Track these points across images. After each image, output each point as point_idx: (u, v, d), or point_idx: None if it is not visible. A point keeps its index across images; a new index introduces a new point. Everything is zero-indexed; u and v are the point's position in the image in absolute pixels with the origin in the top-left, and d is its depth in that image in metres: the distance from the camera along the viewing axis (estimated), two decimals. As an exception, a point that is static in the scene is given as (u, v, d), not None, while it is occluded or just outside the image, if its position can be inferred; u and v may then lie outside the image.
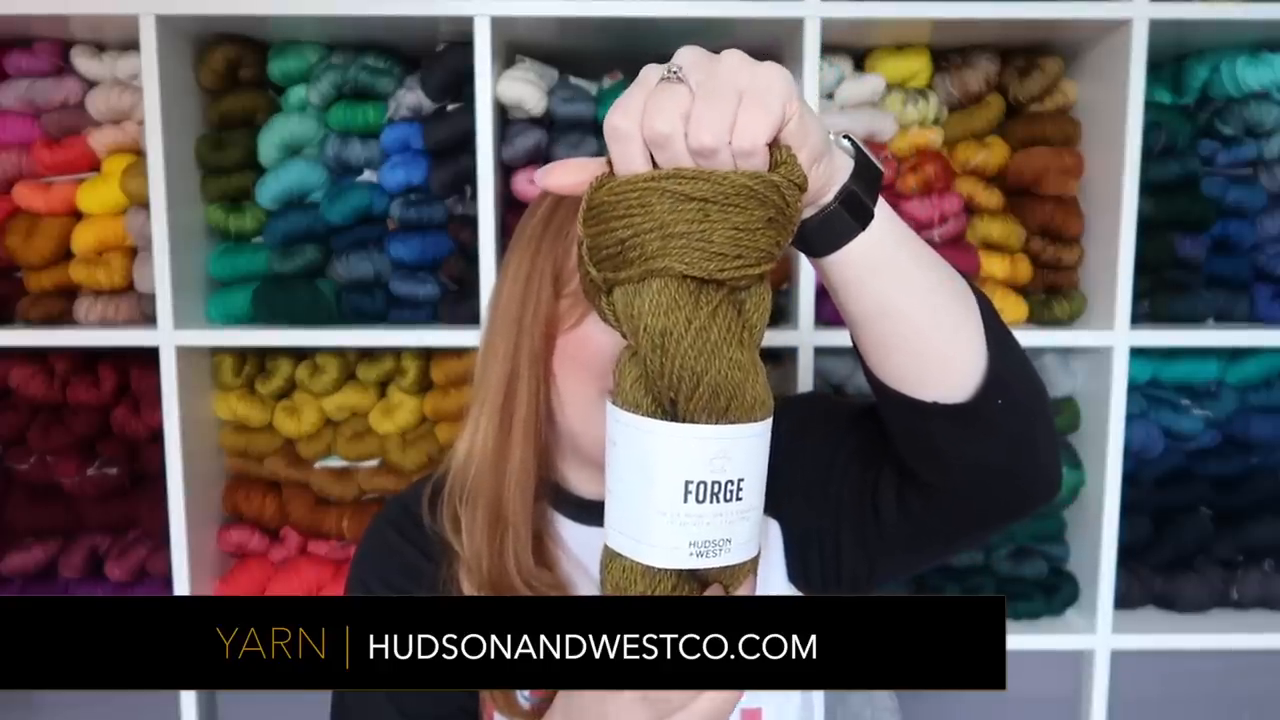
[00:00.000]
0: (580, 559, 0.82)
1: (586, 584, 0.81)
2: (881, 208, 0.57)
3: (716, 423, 0.51)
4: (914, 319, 0.59)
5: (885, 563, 0.77)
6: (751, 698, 0.79)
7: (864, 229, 0.56)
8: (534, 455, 0.77)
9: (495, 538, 0.77)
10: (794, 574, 0.81)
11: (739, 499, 0.52)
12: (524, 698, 0.78)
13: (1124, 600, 1.35)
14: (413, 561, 0.81)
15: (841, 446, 0.77)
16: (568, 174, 0.53)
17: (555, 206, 0.78)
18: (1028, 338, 1.30)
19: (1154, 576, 1.39)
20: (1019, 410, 0.63)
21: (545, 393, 0.77)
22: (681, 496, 0.51)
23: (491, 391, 0.78)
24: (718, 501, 0.51)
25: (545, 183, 0.54)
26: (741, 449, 0.52)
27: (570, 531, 0.82)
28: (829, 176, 0.54)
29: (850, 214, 0.55)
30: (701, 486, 0.51)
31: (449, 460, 0.82)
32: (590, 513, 0.82)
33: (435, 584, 0.79)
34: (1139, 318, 1.30)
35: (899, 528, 0.73)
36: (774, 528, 0.80)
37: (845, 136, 0.57)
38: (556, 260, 0.76)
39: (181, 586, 1.28)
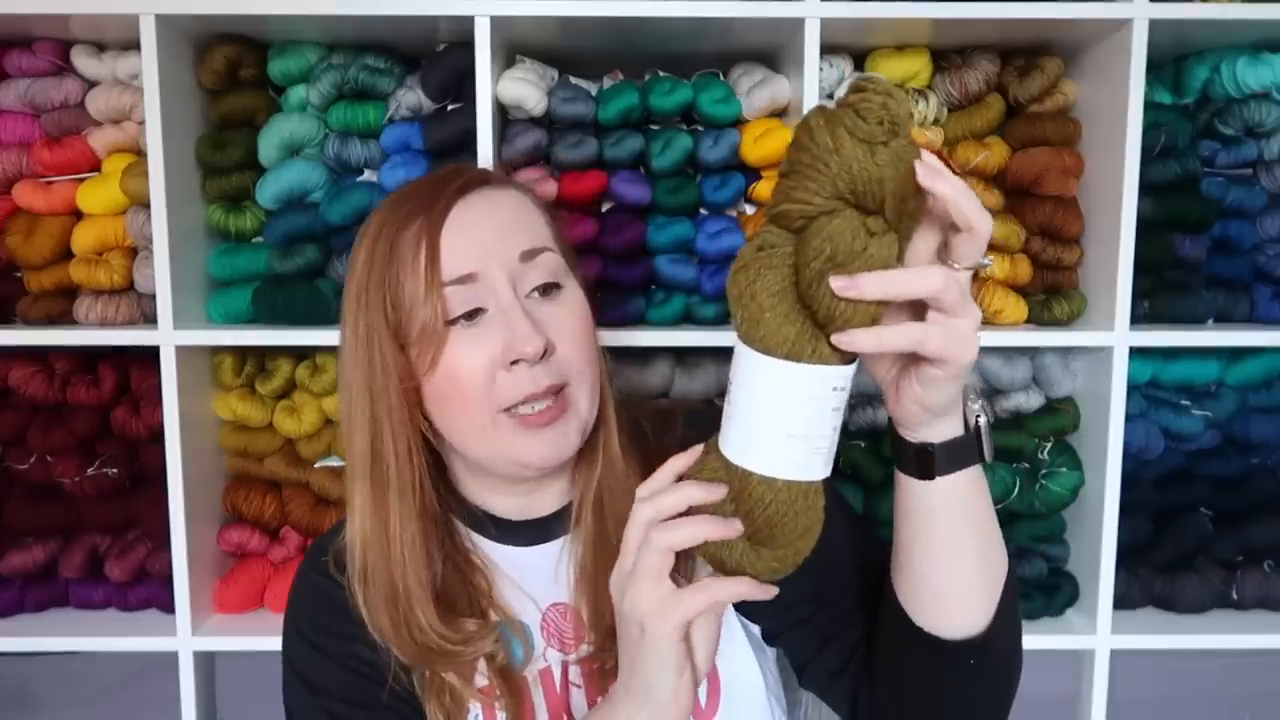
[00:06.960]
0: (511, 576, 0.81)
1: (523, 601, 0.80)
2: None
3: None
4: (972, 559, 0.67)
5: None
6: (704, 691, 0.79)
7: (980, 462, 0.64)
8: (416, 516, 0.75)
9: (398, 611, 0.75)
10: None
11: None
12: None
13: (1124, 600, 1.35)
14: (342, 602, 0.79)
15: (850, 564, 0.81)
16: None
17: (370, 259, 0.74)
18: (1028, 338, 1.30)
19: (1154, 577, 1.38)
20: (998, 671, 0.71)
21: (417, 448, 0.75)
22: None
23: (359, 464, 0.75)
24: None
25: None
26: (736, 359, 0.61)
27: (498, 553, 0.81)
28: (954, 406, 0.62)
29: (978, 444, 0.64)
30: None
31: (346, 531, 0.79)
32: (510, 532, 0.81)
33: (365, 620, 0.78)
34: (1139, 318, 1.30)
35: (835, 692, 0.81)
36: None
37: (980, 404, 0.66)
38: (387, 311, 0.72)
39: (181, 586, 1.28)
